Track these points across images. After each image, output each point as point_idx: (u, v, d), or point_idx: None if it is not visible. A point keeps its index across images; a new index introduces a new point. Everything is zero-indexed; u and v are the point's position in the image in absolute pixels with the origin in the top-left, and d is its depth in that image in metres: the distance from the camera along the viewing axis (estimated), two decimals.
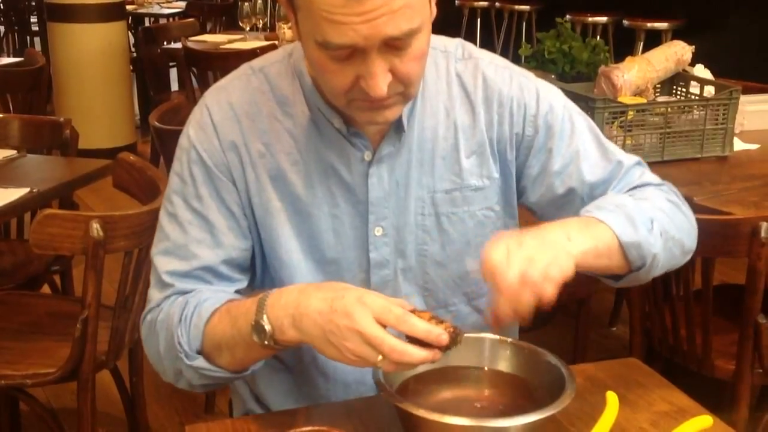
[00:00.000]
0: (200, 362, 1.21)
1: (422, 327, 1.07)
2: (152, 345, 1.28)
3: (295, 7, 1.12)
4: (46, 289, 2.94)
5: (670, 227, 1.29)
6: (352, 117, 1.24)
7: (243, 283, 1.33)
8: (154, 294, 1.29)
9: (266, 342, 1.14)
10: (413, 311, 1.09)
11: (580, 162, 1.34)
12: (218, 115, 1.29)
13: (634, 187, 1.35)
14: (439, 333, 1.07)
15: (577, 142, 1.34)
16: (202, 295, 1.25)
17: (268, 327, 1.13)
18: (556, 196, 1.35)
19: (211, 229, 1.28)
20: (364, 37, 1.07)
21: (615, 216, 1.22)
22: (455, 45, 1.36)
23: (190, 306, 1.23)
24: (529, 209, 1.42)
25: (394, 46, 1.10)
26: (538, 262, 1.10)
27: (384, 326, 1.06)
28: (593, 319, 3.00)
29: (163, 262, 1.29)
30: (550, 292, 1.09)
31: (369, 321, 1.06)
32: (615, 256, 1.22)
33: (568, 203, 1.35)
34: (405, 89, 1.17)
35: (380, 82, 1.11)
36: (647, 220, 1.25)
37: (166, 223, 1.30)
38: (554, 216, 1.37)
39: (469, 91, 1.33)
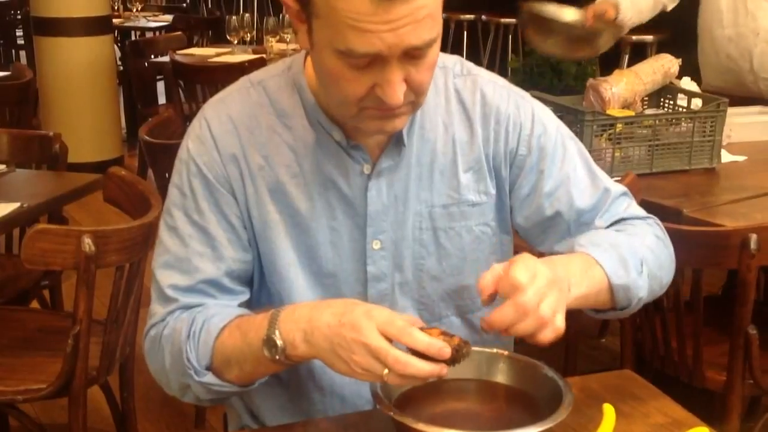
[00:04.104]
0: (209, 378, 1.22)
1: (424, 340, 1.07)
2: (157, 360, 1.28)
3: (312, 15, 1.12)
4: (35, 304, 2.92)
5: (654, 266, 1.32)
6: (359, 127, 1.24)
7: (246, 296, 1.33)
8: (157, 309, 1.29)
9: (277, 357, 1.15)
10: (421, 330, 1.10)
11: (570, 186, 1.35)
12: (217, 128, 1.29)
13: (621, 219, 1.37)
14: (440, 347, 1.07)
15: (568, 166, 1.36)
16: (209, 310, 1.25)
17: (279, 342, 1.14)
18: (543, 218, 1.36)
19: (212, 242, 1.28)
20: (389, 45, 1.08)
21: (609, 257, 1.25)
22: (453, 61, 1.37)
23: (198, 322, 1.23)
24: (514, 229, 1.43)
25: (413, 55, 1.11)
26: (549, 297, 1.11)
27: (390, 340, 1.07)
28: (582, 330, 3.01)
29: (164, 276, 1.29)
30: (548, 336, 1.11)
31: (374, 333, 1.07)
32: (602, 296, 1.25)
33: (553, 226, 1.37)
34: (416, 98, 1.18)
35: (397, 91, 1.13)
36: (638, 263, 1.28)
37: (166, 236, 1.30)
38: (537, 238, 1.39)
39: (467, 107, 1.34)
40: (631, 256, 1.27)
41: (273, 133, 1.29)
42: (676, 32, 5.46)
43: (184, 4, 9.69)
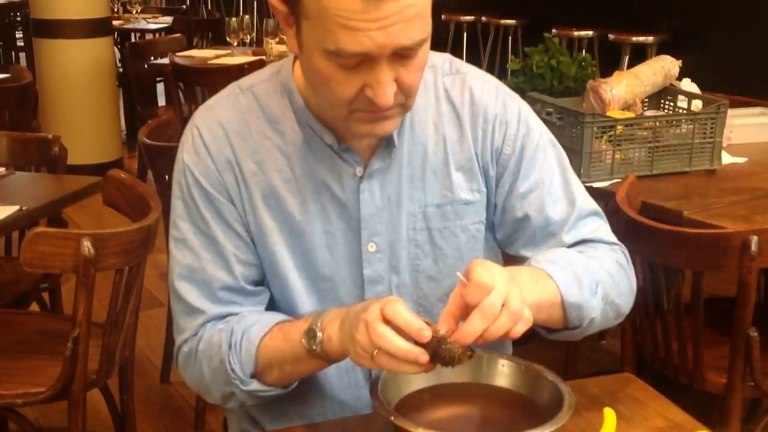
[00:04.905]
0: (255, 385, 1.24)
1: (405, 316, 1.07)
2: (194, 373, 1.30)
3: (302, 16, 1.11)
4: (34, 307, 2.92)
5: (612, 291, 1.31)
6: (350, 130, 1.23)
7: (269, 294, 1.34)
8: (186, 323, 1.30)
9: (314, 347, 1.17)
10: (438, 336, 1.08)
11: (543, 192, 1.35)
12: (209, 136, 1.29)
13: (587, 240, 1.36)
14: (420, 327, 1.06)
15: (545, 172, 1.36)
16: (247, 320, 1.27)
17: (319, 333, 1.17)
18: (513, 218, 1.36)
19: (221, 250, 1.29)
20: (379, 45, 1.08)
21: (564, 273, 1.24)
22: (443, 60, 1.37)
23: (237, 333, 1.25)
24: None
25: (402, 55, 1.11)
26: (513, 292, 1.09)
27: (386, 318, 1.07)
28: None
29: (185, 289, 1.29)
30: (520, 329, 1.09)
31: (375, 311, 1.08)
32: (555, 313, 1.24)
33: (521, 229, 1.36)
34: (405, 100, 1.18)
35: (387, 91, 1.12)
36: (593, 283, 1.27)
37: (176, 250, 1.30)
38: (507, 239, 1.39)
39: (456, 106, 1.34)
40: (587, 276, 1.26)
41: (264, 138, 1.29)
42: (676, 34, 5.48)
43: (184, 6, 9.70)
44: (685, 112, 2.62)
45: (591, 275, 1.27)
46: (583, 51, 5.53)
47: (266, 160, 1.29)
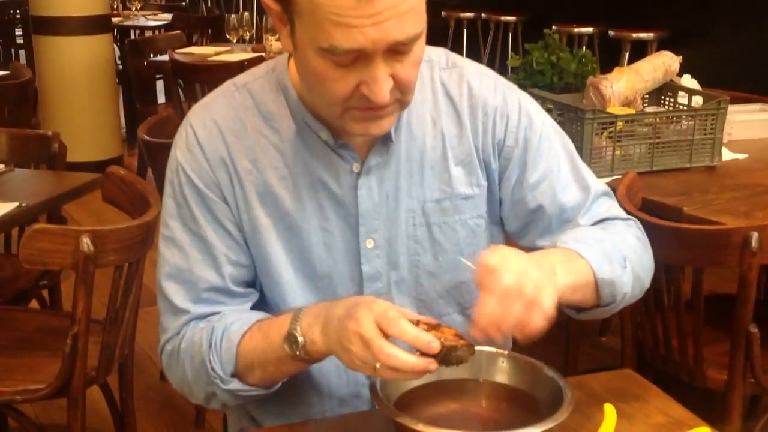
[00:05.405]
0: (235, 385, 1.23)
1: (411, 332, 1.06)
2: (177, 373, 1.29)
3: (295, 15, 1.11)
4: (34, 304, 2.91)
5: (637, 266, 1.31)
6: (346, 128, 1.22)
7: (256, 296, 1.33)
8: (170, 322, 1.29)
9: (297, 353, 1.16)
10: (437, 326, 1.09)
11: (553, 181, 1.34)
12: (203, 134, 1.28)
13: (603, 220, 1.36)
14: (428, 341, 1.06)
15: (552, 160, 1.35)
16: (228, 318, 1.26)
17: (300, 338, 1.16)
18: (526, 210, 1.36)
19: (210, 249, 1.28)
20: (373, 41, 1.07)
21: (594, 251, 1.24)
22: (439, 54, 1.36)
23: (218, 331, 1.24)
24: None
25: (397, 51, 1.10)
26: (530, 276, 1.08)
27: (385, 333, 1.07)
28: (583, 329, 3.00)
29: (171, 289, 1.28)
30: (537, 321, 1.07)
31: (369, 324, 1.07)
32: (588, 292, 1.24)
33: (535, 221, 1.36)
34: (402, 96, 1.17)
35: (383, 88, 1.11)
36: (621, 259, 1.27)
37: (165, 249, 1.30)
38: (520, 231, 1.38)
39: (454, 100, 1.33)
40: (615, 252, 1.27)
41: (259, 135, 1.28)
42: (677, 30, 5.48)
43: (184, 3, 9.67)
44: (685, 108, 2.61)
45: (618, 251, 1.28)
46: (584, 47, 5.49)
47: (261, 158, 1.28)
